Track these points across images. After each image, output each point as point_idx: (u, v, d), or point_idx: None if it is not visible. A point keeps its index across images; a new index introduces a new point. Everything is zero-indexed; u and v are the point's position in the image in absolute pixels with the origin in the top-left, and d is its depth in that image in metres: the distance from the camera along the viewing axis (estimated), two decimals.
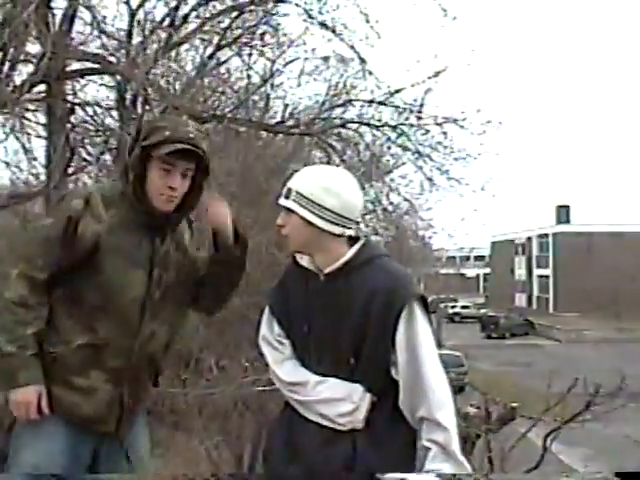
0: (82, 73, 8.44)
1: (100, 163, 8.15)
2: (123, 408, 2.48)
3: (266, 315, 2.35)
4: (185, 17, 8.50)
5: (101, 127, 8.83)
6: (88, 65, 8.31)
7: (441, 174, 10.35)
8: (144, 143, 2.38)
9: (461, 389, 20.45)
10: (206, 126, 8.06)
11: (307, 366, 2.23)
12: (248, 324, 8.51)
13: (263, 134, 10.37)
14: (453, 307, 53.51)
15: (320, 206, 2.15)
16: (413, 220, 12.10)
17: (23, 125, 8.39)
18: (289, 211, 2.18)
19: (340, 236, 2.19)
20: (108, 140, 8.62)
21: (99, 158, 8.50)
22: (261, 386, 6.31)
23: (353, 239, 2.23)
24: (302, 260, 2.28)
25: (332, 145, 10.20)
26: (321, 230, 2.16)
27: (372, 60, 9.57)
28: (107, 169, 8.52)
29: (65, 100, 8.12)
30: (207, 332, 7.56)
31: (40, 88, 7.96)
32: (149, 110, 7.71)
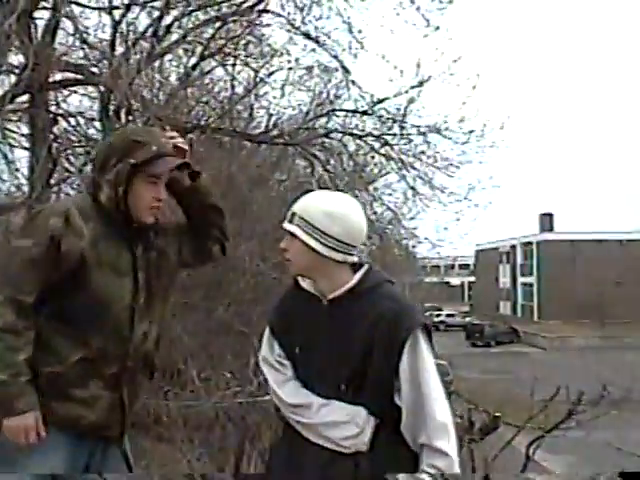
0: (65, 84, 8.39)
1: (83, 174, 8.10)
2: (124, 410, 2.49)
3: (266, 336, 2.35)
4: (168, 27, 8.46)
5: (84, 138, 8.78)
6: (71, 76, 8.27)
7: (424, 183, 10.43)
8: (133, 161, 2.39)
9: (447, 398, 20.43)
10: (189, 136, 8.04)
11: (308, 388, 2.23)
12: (232, 334, 8.50)
13: (247, 144, 10.36)
14: (438, 315, 53.65)
15: (323, 232, 2.15)
16: (397, 229, 12.13)
17: (5, 136, 8.34)
18: (292, 235, 2.19)
19: (343, 262, 2.19)
20: (91, 151, 8.57)
21: (82, 169, 8.44)
22: (243, 398, 6.30)
23: (356, 264, 2.24)
24: (304, 282, 2.28)
25: (316, 155, 10.21)
26: (323, 256, 2.16)
27: (355, 70, 9.66)
28: None
29: (48, 111, 8.07)
30: (191, 342, 7.54)
31: (23, 99, 7.93)
32: (132, 121, 7.69)
